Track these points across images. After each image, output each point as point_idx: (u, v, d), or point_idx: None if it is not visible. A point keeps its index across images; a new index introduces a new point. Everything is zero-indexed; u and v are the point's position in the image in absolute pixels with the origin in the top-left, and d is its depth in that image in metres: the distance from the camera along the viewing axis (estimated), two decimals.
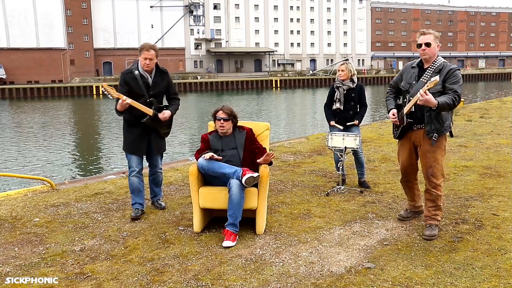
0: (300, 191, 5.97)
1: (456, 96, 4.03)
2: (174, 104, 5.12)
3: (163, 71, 4.97)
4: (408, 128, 4.40)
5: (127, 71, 4.87)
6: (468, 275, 3.51)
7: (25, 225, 4.82)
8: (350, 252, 4.00)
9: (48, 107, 39.15)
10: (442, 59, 4.22)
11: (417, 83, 4.24)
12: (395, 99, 4.57)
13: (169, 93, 5.10)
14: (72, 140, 23.07)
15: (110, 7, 76.39)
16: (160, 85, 4.93)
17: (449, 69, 4.12)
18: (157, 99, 4.93)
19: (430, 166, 4.30)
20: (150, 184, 5.31)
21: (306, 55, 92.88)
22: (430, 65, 4.22)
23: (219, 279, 3.51)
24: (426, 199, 4.44)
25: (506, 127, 11.43)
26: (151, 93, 4.85)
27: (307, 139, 10.45)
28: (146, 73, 4.83)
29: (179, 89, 61.88)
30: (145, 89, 4.82)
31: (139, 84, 4.79)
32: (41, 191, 6.23)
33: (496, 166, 7.07)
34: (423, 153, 4.35)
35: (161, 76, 4.94)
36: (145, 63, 4.74)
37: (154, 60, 4.79)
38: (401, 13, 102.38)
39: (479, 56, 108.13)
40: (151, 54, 4.73)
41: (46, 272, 3.68)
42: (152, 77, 4.87)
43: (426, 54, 4.20)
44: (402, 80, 4.44)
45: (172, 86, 5.11)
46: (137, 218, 4.87)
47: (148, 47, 4.74)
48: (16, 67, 67.17)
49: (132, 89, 4.80)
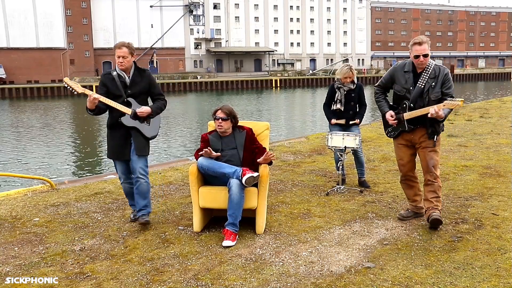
0: (300, 190, 5.97)
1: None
2: (158, 103, 4.81)
3: (142, 70, 4.75)
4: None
5: (106, 72, 4.73)
6: (468, 275, 3.51)
7: (25, 225, 4.82)
8: (350, 251, 4.00)
9: (48, 107, 39.14)
10: (433, 62, 4.38)
11: (414, 89, 4.38)
12: (387, 100, 4.70)
13: (152, 94, 4.81)
14: (72, 139, 23.06)
15: (110, 6, 76.36)
16: (139, 84, 4.67)
17: (444, 74, 4.32)
18: (138, 99, 4.66)
19: (431, 157, 4.47)
20: (135, 195, 4.72)
21: (306, 55, 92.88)
22: (423, 70, 4.35)
23: (219, 279, 3.51)
24: (427, 191, 4.52)
25: (506, 127, 11.43)
26: (129, 93, 4.62)
27: (307, 138, 10.45)
28: (123, 73, 4.63)
29: (179, 88, 61.96)
30: (122, 88, 4.62)
31: (116, 84, 4.61)
32: (41, 190, 6.24)
33: (496, 166, 7.07)
34: (423, 150, 4.50)
35: (140, 75, 4.71)
36: (119, 61, 4.58)
37: (128, 57, 4.57)
38: (401, 13, 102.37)
39: (479, 56, 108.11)
40: (123, 51, 4.53)
41: (46, 272, 3.68)
42: (130, 76, 4.66)
43: (423, 64, 4.34)
44: (394, 82, 4.55)
45: (155, 86, 4.82)
46: (136, 220, 4.81)
47: (120, 45, 4.57)
48: (16, 67, 67.19)
49: (109, 90, 4.63)
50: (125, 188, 4.94)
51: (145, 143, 4.72)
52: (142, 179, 4.66)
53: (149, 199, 4.75)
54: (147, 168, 4.76)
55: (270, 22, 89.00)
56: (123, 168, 4.80)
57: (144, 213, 4.67)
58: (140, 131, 4.66)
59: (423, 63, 4.30)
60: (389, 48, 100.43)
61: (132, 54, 4.61)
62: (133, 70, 4.67)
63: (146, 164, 4.74)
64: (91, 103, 4.47)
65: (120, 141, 4.68)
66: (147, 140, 4.74)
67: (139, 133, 4.66)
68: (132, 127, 4.64)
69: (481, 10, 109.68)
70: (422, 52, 4.24)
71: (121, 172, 4.82)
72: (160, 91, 4.85)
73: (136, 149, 4.65)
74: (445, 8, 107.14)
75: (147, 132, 4.71)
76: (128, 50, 4.56)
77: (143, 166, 4.68)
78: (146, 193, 4.70)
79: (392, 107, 4.64)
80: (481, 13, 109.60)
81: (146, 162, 4.75)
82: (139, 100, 4.67)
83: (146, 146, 4.73)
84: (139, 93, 4.67)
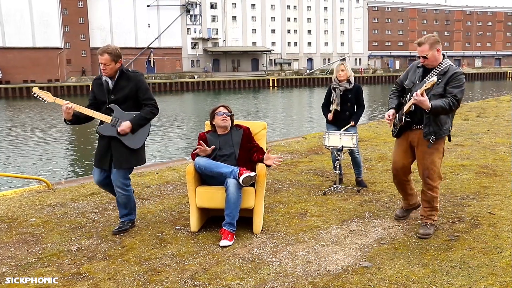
0: (297, 190, 5.98)
1: (454, 100, 3.99)
2: (143, 111, 4.42)
3: (131, 73, 4.45)
4: (407, 127, 4.36)
5: (96, 77, 4.58)
6: (465, 274, 3.52)
7: (21, 225, 4.80)
8: (347, 251, 4.01)
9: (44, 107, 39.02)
10: (448, 62, 4.16)
11: (420, 83, 4.21)
12: (398, 98, 4.52)
13: (139, 99, 4.44)
14: (68, 139, 23.01)
15: (107, 6, 76.19)
16: (124, 89, 4.38)
17: (453, 72, 4.08)
18: (123, 105, 4.38)
19: (426, 168, 4.28)
20: (116, 203, 4.64)
21: (303, 55, 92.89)
22: (435, 68, 4.18)
23: (216, 279, 3.51)
24: (422, 199, 4.45)
25: (503, 126, 11.46)
26: (112, 98, 4.38)
27: (304, 138, 10.46)
28: (108, 78, 4.41)
29: (176, 88, 61.91)
30: (106, 94, 4.41)
31: (102, 90, 4.42)
32: (37, 190, 6.22)
33: (493, 165, 7.08)
34: (420, 154, 4.32)
35: (128, 80, 4.41)
36: (102, 68, 4.39)
37: (110, 64, 4.31)
38: (398, 12, 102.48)
39: (476, 56, 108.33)
40: (104, 58, 4.28)
41: (43, 272, 3.67)
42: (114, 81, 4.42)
43: (426, 64, 4.20)
44: (407, 78, 4.40)
45: (144, 90, 4.43)
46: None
47: (101, 51, 4.31)
48: (12, 66, 66.90)
49: (96, 95, 4.48)
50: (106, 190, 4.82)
51: (127, 154, 4.41)
52: (120, 192, 4.47)
53: (131, 207, 4.61)
54: (126, 181, 4.49)
55: (267, 22, 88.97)
56: (100, 177, 4.54)
57: (125, 220, 4.60)
58: (121, 141, 4.39)
59: (425, 63, 4.19)
60: (386, 48, 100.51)
61: (116, 60, 4.33)
62: (118, 75, 4.40)
63: (125, 177, 4.47)
64: (65, 113, 4.31)
65: (102, 149, 4.46)
66: (131, 150, 4.43)
67: (120, 143, 4.39)
68: (112, 137, 4.39)
69: (478, 10, 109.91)
70: (421, 54, 4.15)
71: (98, 180, 4.58)
72: (148, 96, 4.46)
73: (114, 162, 4.40)
74: (441, 8, 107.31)
75: (130, 143, 4.41)
76: (109, 57, 4.29)
77: (121, 179, 4.43)
78: (126, 203, 4.55)
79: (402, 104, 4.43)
80: (477, 12, 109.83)
81: (125, 174, 4.48)
82: (125, 106, 4.40)
83: (129, 157, 4.42)
84: (124, 98, 4.39)
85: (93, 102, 4.52)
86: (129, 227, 4.60)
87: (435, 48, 4.10)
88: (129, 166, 4.47)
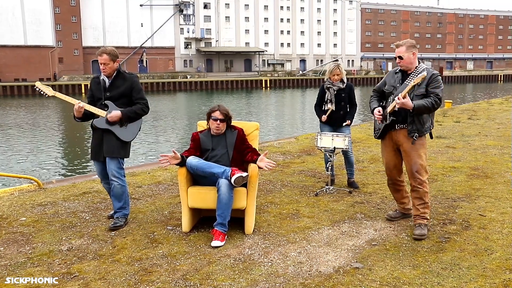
0: (289, 191, 5.98)
1: (437, 99, 4.26)
2: (134, 107, 4.71)
3: (127, 74, 4.77)
4: (391, 127, 4.55)
5: (94, 76, 4.87)
6: (455, 275, 3.54)
7: (11, 225, 4.77)
8: (338, 252, 4.02)
9: (36, 105, 38.78)
10: (423, 66, 4.45)
11: (401, 85, 4.45)
12: (379, 102, 4.73)
13: (133, 98, 4.73)
14: (60, 138, 22.88)
15: (100, 5, 75.87)
16: (119, 87, 4.68)
17: (431, 74, 4.37)
18: (117, 102, 4.66)
19: (414, 162, 4.45)
20: (111, 196, 4.83)
21: (296, 55, 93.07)
22: (412, 71, 4.44)
23: (208, 279, 3.50)
24: (413, 197, 4.53)
25: (494, 129, 11.55)
26: (107, 95, 4.68)
27: (297, 139, 10.47)
28: (106, 77, 4.72)
29: (168, 88, 61.79)
30: (103, 91, 4.71)
31: (99, 88, 4.74)
32: (28, 190, 6.17)
33: (484, 167, 7.13)
34: (405, 152, 4.49)
35: (124, 79, 4.71)
36: (101, 67, 4.67)
37: (109, 64, 4.62)
38: (391, 14, 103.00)
39: (468, 58, 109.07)
40: (103, 58, 4.59)
41: (33, 272, 3.65)
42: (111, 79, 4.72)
43: (401, 66, 4.47)
44: (386, 84, 4.64)
45: (137, 90, 4.73)
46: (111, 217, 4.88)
47: (100, 52, 4.63)
48: (3, 65, 66.39)
49: (93, 93, 4.80)
50: (105, 188, 5.02)
51: (118, 145, 4.66)
52: (115, 181, 4.68)
53: (125, 201, 4.76)
54: (121, 170, 4.72)
55: (261, 23, 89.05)
56: (99, 169, 4.85)
57: (119, 215, 4.72)
58: (114, 133, 4.66)
59: (401, 64, 4.42)
60: (378, 50, 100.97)
61: (114, 60, 4.65)
62: (115, 74, 4.71)
63: (119, 166, 4.71)
64: (77, 112, 4.63)
65: (97, 142, 4.75)
66: (122, 142, 4.68)
67: (112, 135, 4.66)
68: (105, 129, 4.67)
69: (470, 12, 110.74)
70: (397, 54, 4.41)
71: (98, 172, 4.90)
72: (141, 96, 4.76)
73: (105, 151, 4.66)
74: (434, 10, 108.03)
75: (122, 135, 4.68)
76: (109, 57, 4.61)
77: (115, 168, 4.67)
78: (121, 195, 4.72)
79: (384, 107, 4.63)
80: (469, 15, 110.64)
81: (119, 164, 4.71)
82: (119, 103, 4.68)
83: (119, 148, 4.67)
84: (118, 95, 4.68)
85: (91, 100, 4.81)
86: (124, 224, 4.69)
87: (411, 51, 4.39)
88: (117, 156, 4.69)
